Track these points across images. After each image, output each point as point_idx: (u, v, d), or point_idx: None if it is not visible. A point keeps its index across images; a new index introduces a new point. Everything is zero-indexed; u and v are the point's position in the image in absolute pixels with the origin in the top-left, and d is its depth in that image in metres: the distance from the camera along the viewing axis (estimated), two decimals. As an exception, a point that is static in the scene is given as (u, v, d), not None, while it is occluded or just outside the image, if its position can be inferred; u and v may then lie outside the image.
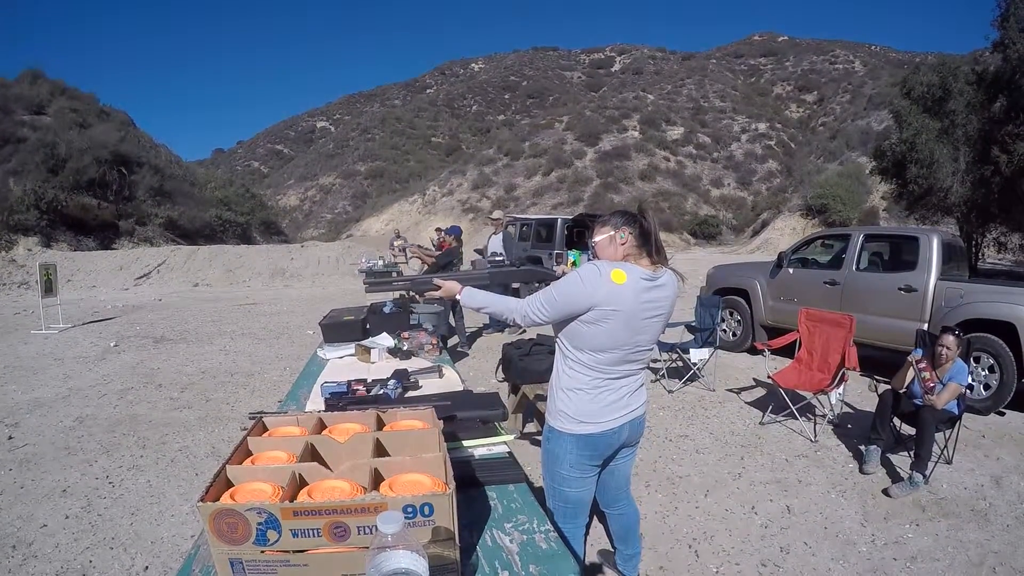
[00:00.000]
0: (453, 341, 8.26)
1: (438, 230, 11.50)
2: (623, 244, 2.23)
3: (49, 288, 10.93)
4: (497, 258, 2.80)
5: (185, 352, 8.59)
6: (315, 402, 2.65)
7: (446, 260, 8.11)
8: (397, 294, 5.69)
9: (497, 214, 10.07)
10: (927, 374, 4.39)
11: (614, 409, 2.25)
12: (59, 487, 4.19)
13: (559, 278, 2.27)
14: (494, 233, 9.65)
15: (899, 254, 7.50)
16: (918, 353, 4.49)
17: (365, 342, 3.63)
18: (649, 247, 2.22)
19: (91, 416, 5.73)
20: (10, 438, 5.16)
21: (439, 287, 2.55)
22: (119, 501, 3.98)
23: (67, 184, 24.01)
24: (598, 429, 2.24)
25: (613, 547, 2.80)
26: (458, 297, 2.48)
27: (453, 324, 8.51)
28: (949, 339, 4.56)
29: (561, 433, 2.28)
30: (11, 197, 22.03)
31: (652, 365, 7.27)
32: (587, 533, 2.64)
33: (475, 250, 11.81)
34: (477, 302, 2.43)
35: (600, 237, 2.29)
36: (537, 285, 2.60)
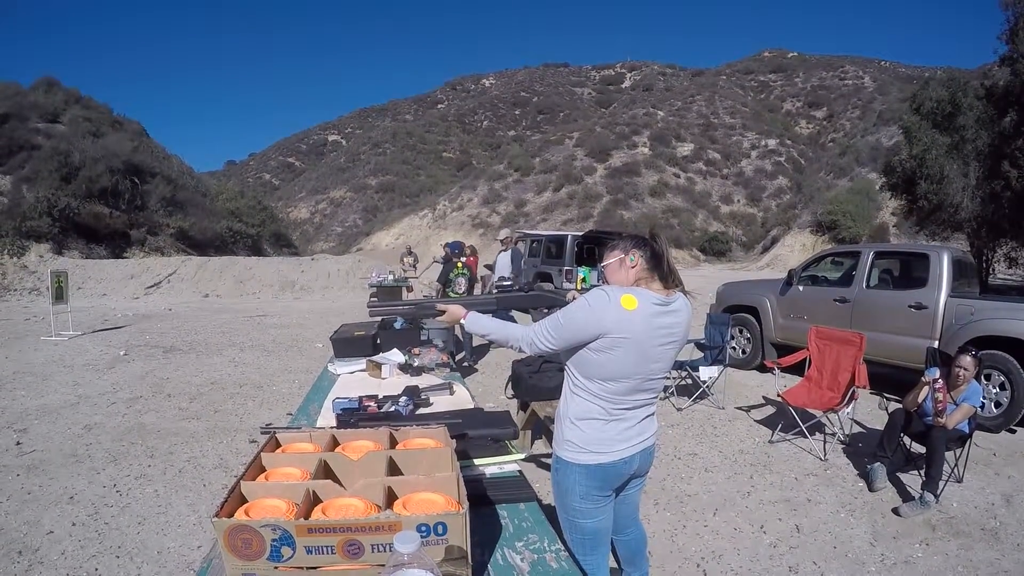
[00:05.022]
0: (459, 355, 8.26)
1: (444, 246, 11.53)
2: (633, 268, 2.15)
3: (60, 295, 11.02)
4: (506, 283, 2.79)
5: (194, 362, 8.62)
6: (326, 417, 2.65)
7: (444, 278, 8.18)
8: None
9: (503, 233, 10.07)
10: (941, 395, 4.35)
11: (624, 439, 2.17)
12: (66, 494, 4.20)
13: (569, 303, 2.20)
14: (502, 251, 9.64)
15: (909, 271, 7.47)
16: (933, 373, 4.45)
17: (376, 358, 3.64)
18: (661, 270, 2.15)
19: (99, 424, 5.76)
20: (18, 443, 5.19)
21: (443, 311, 2.50)
22: (126, 510, 3.99)
23: (80, 192, 24.17)
24: (608, 459, 2.15)
25: (620, 568, 2.77)
26: (462, 322, 2.42)
27: (461, 338, 8.51)
28: (967, 360, 4.52)
29: (569, 464, 2.18)
30: (24, 204, 22.20)
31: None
32: None
33: (485, 265, 11.82)
34: (482, 328, 2.35)
35: (610, 261, 2.22)
36: (546, 311, 2.55)
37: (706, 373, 6.68)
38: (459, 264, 8.34)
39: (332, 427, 2.03)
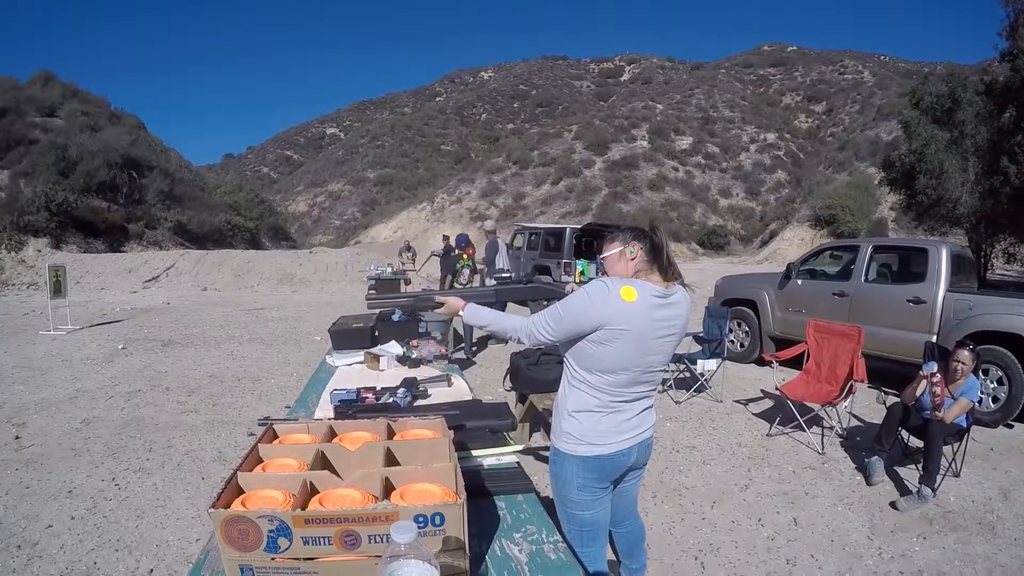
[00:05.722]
0: (454, 349, 8.26)
1: (445, 237, 11.62)
2: (633, 260, 2.16)
3: (58, 289, 10.99)
4: (504, 274, 2.81)
5: (193, 356, 8.61)
6: (324, 409, 2.64)
7: (451, 269, 8.34)
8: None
9: (489, 224, 10.32)
10: (938, 389, 4.35)
11: (623, 431, 2.17)
12: (65, 488, 4.20)
13: (567, 295, 2.20)
14: (488, 242, 9.88)
15: (908, 266, 7.48)
16: (931, 367, 4.45)
17: (374, 350, 3.63)
18: (660, 263, 2.15)
19: (98, 418, 5.75)
20: (17, 438, 5.18)
21: (442, 304, 2.50)
22: (125, 503, 3.98)
23: (77, 186, 24.12)
24: (606, 451, 2.15)
25: (618, 560, 2.77)
26: (461, 314, 2.42)
27: (462, 332, 8.53)
28: (964, 354, 4.53)
29: (566, 455, 2.19)
30: (22, 198, 22.14)
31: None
32: None
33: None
34: (480, 320, 2.36)
35: (609, 253, 2.22)
36: (545, 303, 2.55)
37: (704, 366, 6.69)
38: (464, 256, 8.47)
39: (330, 418, 2.02)
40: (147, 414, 5.91)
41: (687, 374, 7.07)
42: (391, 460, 1.59)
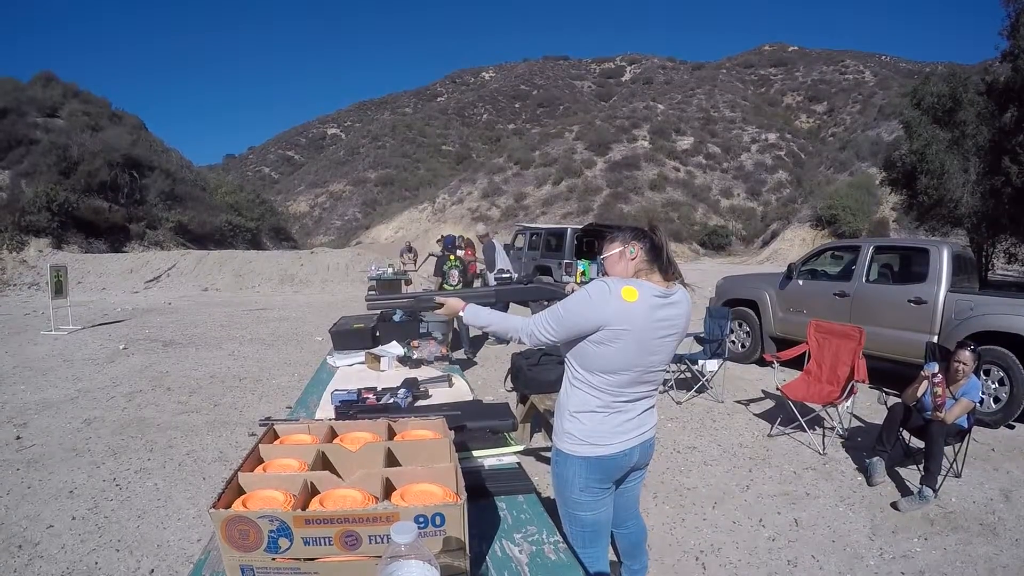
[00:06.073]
0: (457, 352, 8.27)
1: (439, 240, 11.70)
2: (633, 260, 2.15)
3: (59, 289, 11.01)
4: (504, 275, 2.83)
5: (194, 356, 8.62)
6: (325, 409, 2.64)
7: (439, 270, 8.58)
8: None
9: (481, 228, 10.41)
10: (940, 389, 4.34)
11: (624, 431, 2.16)
12: (66, 488, 4.20)
13: (568, 295, 2.20)
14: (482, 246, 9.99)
15: (909, 266, 7.46)
16: (932, 367, 4.45)
17: (375, 350, 3.63)
18: (660, 262, 2.14)
19: (99, 418, 5.76)
20: (18, 438, 5.19)
21: (442, 304, 2.50)
22: (126, 503, 3.99)
23: (79, 186, 24.17)
24: (608, 451, 2.14)
25: (620, 560, 2.77)
26: (461, 314, 2.42)
27: (458, 329, 8.54)
28: (965, 355, 4.52)
29: (568, 456, 2.18)
30: (23, 199, 22.17)
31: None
32: None
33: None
34: (481, 320, 2.36)
35: (609, 253, 2.21)
36: (546, 303, 2.55)
37: (705, 366, 6.68)
38: (452, 257, 8.57)
39: (331, 419, 2.02)
40: (148, 414, 5.91)
41: (688, 374, 7.07)
42: (392, 461, 1.59)
